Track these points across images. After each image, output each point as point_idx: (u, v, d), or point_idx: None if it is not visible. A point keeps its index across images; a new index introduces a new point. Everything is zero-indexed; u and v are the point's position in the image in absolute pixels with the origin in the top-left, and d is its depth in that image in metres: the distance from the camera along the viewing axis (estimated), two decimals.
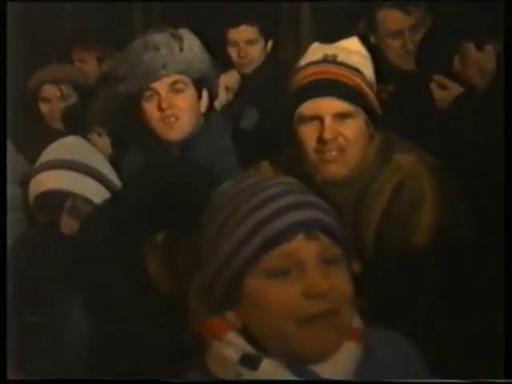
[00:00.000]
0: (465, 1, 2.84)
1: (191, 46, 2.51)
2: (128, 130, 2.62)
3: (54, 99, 3.66)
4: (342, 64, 2.19)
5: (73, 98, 3.67)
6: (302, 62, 2.23)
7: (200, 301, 1.36)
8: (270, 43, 3.95)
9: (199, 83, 2.53)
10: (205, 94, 2.56)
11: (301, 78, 2.20)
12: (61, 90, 3.65)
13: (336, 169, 2.18)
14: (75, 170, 2.53)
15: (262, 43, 3.92)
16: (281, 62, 3.94)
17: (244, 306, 1.32)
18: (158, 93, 2.48)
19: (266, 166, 2.36)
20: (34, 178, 2.55)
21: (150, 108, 2.49)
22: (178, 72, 2.48)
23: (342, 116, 2.16)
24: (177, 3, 5.03)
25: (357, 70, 2.20)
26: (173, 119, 2.49)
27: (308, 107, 2.16)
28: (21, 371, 1.82)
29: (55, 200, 2.46)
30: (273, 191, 1.33)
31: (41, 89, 3.67)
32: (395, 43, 3.29)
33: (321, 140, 2.15)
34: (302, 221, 1.30)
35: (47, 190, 2.51)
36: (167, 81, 2.48)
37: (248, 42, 3.89)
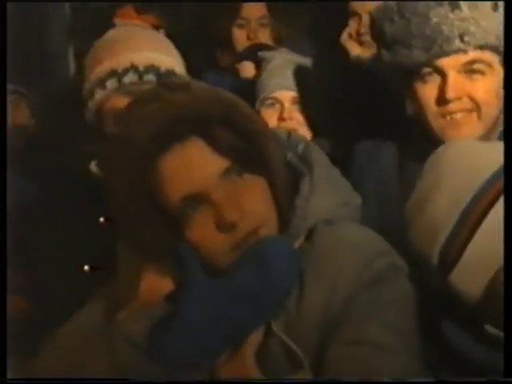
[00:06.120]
0: None
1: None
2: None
3: None
4: None
5: None
6: None
7: None
8: None
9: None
10: None
11: None
12: None
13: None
14: None
15: None
16: None
17: None
18: (443, 72, 1.77)
19: None
20: None
21: (426, 94, 1.78)
22: (481, 46, 1.72)
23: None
24: None
25: None
26: (459, 115, 1.76)
27: None
28: None
29: None
30: None
31: None
32: None
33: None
34: None
35: None
36: (461, 59, 1.74)
37: None
